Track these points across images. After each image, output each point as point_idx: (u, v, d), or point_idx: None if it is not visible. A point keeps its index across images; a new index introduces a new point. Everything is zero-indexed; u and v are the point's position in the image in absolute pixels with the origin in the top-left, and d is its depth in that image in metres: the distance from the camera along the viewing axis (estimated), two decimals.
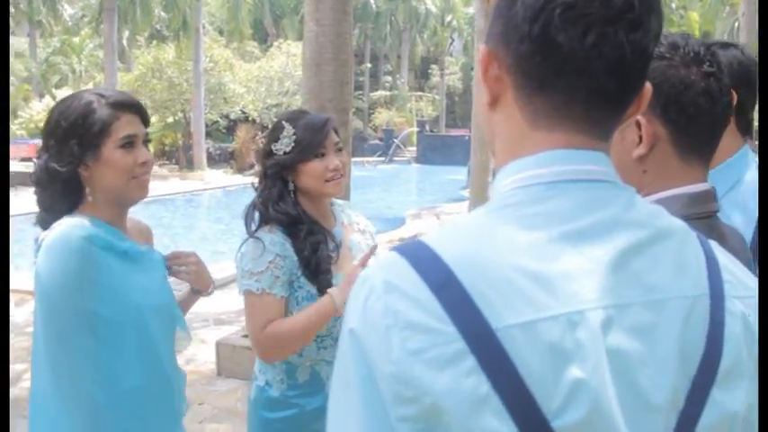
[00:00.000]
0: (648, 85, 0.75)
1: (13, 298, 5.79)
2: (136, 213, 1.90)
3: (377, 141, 32.77)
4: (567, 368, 0.63)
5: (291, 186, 2.00)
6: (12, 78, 23.92)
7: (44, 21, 30.52)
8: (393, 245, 0.73)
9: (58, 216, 1.66)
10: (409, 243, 0.70)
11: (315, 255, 1.94)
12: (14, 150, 18.43)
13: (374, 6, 37.43)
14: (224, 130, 26.76)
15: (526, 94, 0.72)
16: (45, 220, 1.69)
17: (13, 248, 2.47)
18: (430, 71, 40.84)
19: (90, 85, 28.13)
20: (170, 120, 25.57)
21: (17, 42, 30.93)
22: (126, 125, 1.68)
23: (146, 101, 23.92)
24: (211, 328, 5.93)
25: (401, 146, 31.35)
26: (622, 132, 1.11)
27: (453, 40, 42.97)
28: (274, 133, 2.02)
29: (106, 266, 1.62)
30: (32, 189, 1.70)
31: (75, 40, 29.37)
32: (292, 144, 1.97)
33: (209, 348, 5.17)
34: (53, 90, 27.36)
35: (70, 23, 31.04)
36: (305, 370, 1.98)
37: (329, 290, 1.90)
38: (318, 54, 4.93)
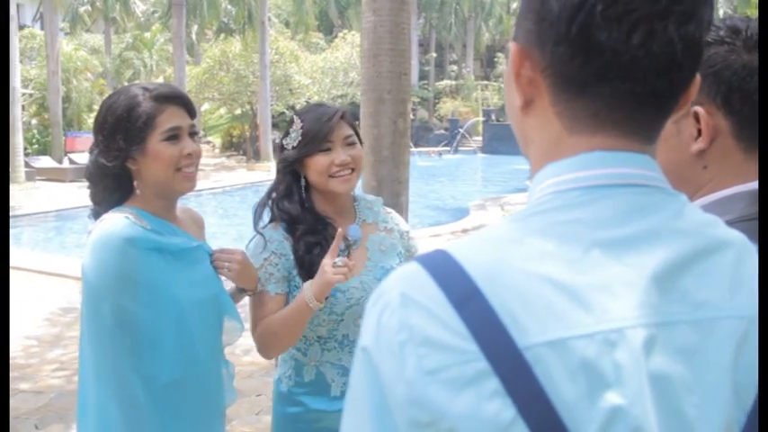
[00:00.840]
0: (697, 78, 0.67)
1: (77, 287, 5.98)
2: (204, 204, 1.92)
3: (442, 131, 32.57)
4: (604, 393, 0.56)
5: (303, 182, 1.97)
6: (87, 74, 24.76)
7: (118, 17, 31.45)
8: (456, 236, 0.65)
9: (109, 209, 1.71)
10: (432, 252, 0.64)
11: (308, 255, 1.90)
12: (88, 143, 19.03)
13: None
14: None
15: (564, 99, 0.66)
16: (98, 213, 1.75)
17: (82, 239, 2.55)
18: (496, 59, 40.25)
19: (161, 79, 28.91)
20: (237, 112, 26.05)
21: (93, 39, 31.97)
22: (170, 117, 1.69)
23: (213, 93, 24.47)
24: None
25: (466, 135, 31.06)
26: (678, 124, 1.02)
27: None
28: (287, 127, 2.00)
29: (147, 264, 1.64)
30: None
31: (147, 35, 30.14)
32: (299, 138, 1.94)
33: None
34: (126, 84, 28.15)
35: (142, 19, 31.91)
36: (310, 369, 1.96)
37: (305, 284, 1.85)
38: (376, 45, 4.88)
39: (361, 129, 5.03)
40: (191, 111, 1.76)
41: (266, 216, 2.01)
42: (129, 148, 1.67)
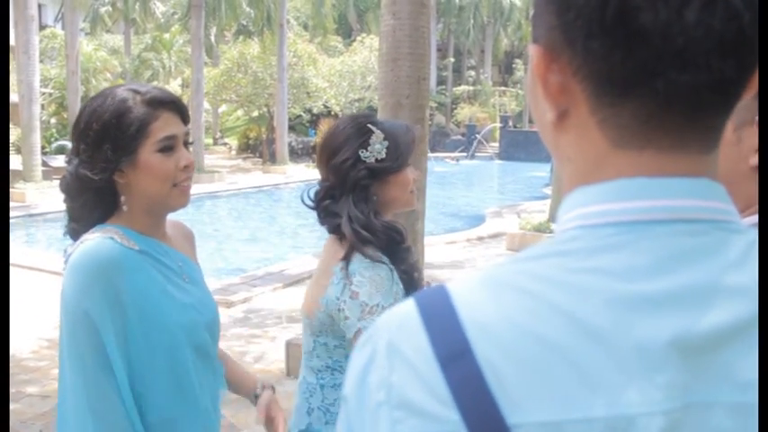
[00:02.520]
0: None
1: None
2: (219, 206, 1.76)
3: (459, 137, 32.47)
4: None
5: (374, 199, 1.74)
6: (107, 74, 24.90)
7: (138, 18, 31.61)
8: (472, 243, 0.54)
9: (88, 227, 1.51)
10: (433, 290, 0.54)
11: (417, 274, 1.74)
12: None
13: (457, 0, 37.00)
14: (307, 125, 27.10)
15: (607, 104, 0.52)
16: (75, 232, 1.54)
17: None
18: (514, 66, 40.07)
19: (179, 80, 29.01)
20: (254, 114, 26.07)
21: (113, 40, 32.19)
22: (165, 125, 1.49)
23: (231, 95, 24.52)
24: (283, 326, 5.89)
25: (483, 141, 30.93)
26: (739, 133, 0.90)
27: None
28: (360, 138, 1.75)
29: (136, 291, 1.45)
30: None
31: (166, 36, 30.27)
32: (385, 150, 1.74)
33: (278, 347, 5.11)
34: (139, 82, 28.26)
35: (162, 20, 32.02)
36: None
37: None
38: (395, 48, 4.79)
39: None
40: (185, 117, 1.56)
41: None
42: (117, 159, 1.45)
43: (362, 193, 1.73)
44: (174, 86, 27.88)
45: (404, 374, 0.50)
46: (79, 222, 1.52)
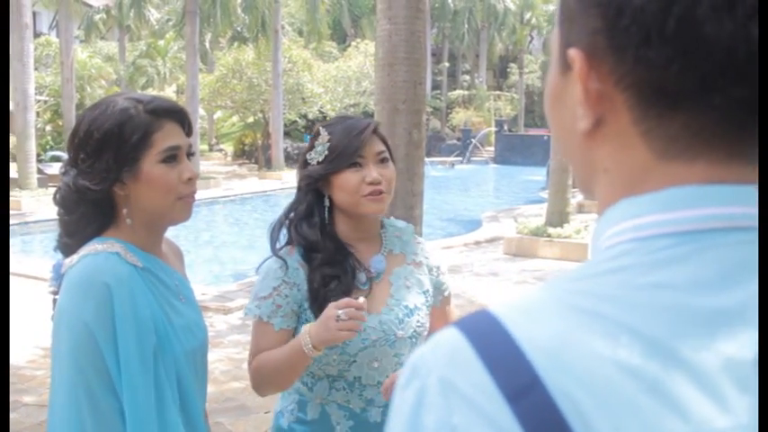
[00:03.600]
0: None
1: None
2: (215, 212, 1.73)
3: (454, 141, 32.49)
4: None
5: (327, 203, 1.74)
6: (102, 81, 24.84)
7: (132, 25, 31.58)
8: (469, 248, 0.50)
9: (82, 242, 1.44)
10: (477, 318, 0.49)
11: (323, 288, 1.68)
12: None
13: (452, 5, 37.05)
14: (302, 130, 27.06)
15: (655, 115, 0.50)
16: (68, 248, 1.45)
17: None
18: (509, 70, 40.17)
19: (173, 87, 28.96)
20: (250, 120, 26.08)
21: (108, 47, 32.12)
22: (168, 135, 1.44)
23: (226, 101, 24.51)
24: None
25: (479, 146, 30.96)
26: None
27: (533, 38, 42.14)
28: (312, 141, 1.77)
29: (145, 313, 1.38)
30: None
31: (161, 43, 30.25)
32: (326, 152, 1.71)
33: None
34: (139, 92, 28.25)
35: (156, 27, 31.98)
36: (315, 407, 1.73)
37: (304, 326, 1.62)
38: (391, 53, 4.78)
39: None
40: (189, 128, 1.52)
41: (283, 237, 1.80)
42: (119, 169, 1.40)
43: (303, 194, 1.77)
44: (169, 93, 27.85)
45: (466, 415, 0.45)
46: (73, 237, 1.46)
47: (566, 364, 0.45)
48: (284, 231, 1.80)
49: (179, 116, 1.49)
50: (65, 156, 1.57)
